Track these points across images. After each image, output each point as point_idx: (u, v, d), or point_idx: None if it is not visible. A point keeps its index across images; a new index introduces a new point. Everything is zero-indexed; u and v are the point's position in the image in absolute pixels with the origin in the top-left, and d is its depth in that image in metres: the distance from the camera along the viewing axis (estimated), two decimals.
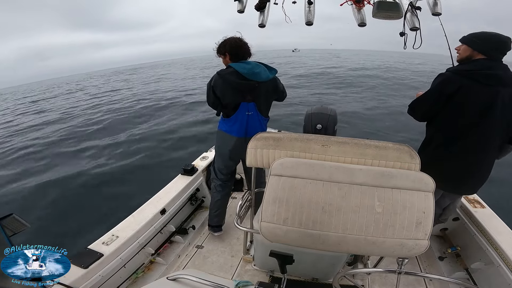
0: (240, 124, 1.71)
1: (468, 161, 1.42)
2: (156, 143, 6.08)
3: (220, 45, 1.68)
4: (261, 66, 1.66)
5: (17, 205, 3.95)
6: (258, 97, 1.68)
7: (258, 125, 1.74)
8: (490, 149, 1.40)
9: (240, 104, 1.67)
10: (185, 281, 0.96)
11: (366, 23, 1.73)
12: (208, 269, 1.79)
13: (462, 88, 1.31)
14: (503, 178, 3.73)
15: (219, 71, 1.66)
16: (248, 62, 1.64)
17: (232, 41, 1.65)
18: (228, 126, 1.75)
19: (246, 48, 1.67)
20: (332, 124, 1.56)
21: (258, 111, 1.71)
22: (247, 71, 1.58)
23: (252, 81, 1.60)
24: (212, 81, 1.66)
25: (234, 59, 1.65)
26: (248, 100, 1.67)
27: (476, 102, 1.31)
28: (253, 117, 1.71)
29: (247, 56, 1.68)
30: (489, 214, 1.70)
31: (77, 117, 10.34)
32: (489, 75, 1.29)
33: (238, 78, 1.59)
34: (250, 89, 1.63)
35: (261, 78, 1.62)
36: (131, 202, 2.38)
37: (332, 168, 0.94)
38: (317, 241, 0.91)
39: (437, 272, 1.75)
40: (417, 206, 0.87)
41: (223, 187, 1.95)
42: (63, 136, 7.72)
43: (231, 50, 1.64)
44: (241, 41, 1.66)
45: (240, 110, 1.68)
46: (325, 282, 1.61)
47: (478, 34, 1.35)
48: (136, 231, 1.59)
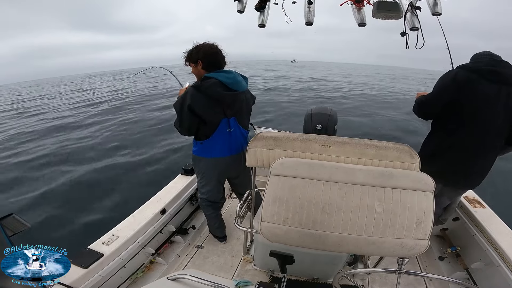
0: (222, 143, 1.55)
1: (469, 157, 1.43)
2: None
3: (192, 52, 1.49)
4: (239, 74, 1.54)
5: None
6: (239, 110, 1.55)
7: (242, 139, 1.62)
8: (491, 145, 1.42)
9: (220, 122, 1.50)
10: (185, 281, 0.96)
11: (366, 23, 1.73)
12: (208, 269, 1.79)
13: (470, 80, 1.33)
14: (504, 177, 3.73)
15: (194, 84, 1.45)
16: (229, 71, 1.49)
17: (207, 47, 1.48)
18: (208, 149, 1.57)
19: (221, 55, 1.51)
20: (332, 124, 1.56)
21: (239, 126, 1.58)
22: (231, 81, 1.44)
23: (235, 91, 1.47)
24: (188, 98, 1.40)
25: (208, 67, 1.47)
26: (228, 115, 1.51)
27: (481, 96, 1.33)
28: (235, 133, 1.58)
29: (224, 65, 1.52)
30: (489, 214, 1.70)
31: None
32: (494, 71, 1.32)
33: (223, 89, 1.43)
34: (232, 101, 1.49)
35: (243, 88, 1.50)
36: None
37: (332, 168, 0.94)
38: (317, 241, 0.91)
39: (437, 272, 1.75)
40: (417, 206, 0.87)
41: (215, 208, 1.87)
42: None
43: (205, 58, 1.46)
44: (216, 47, 1.50)
45: (220, 128, 1.51)
46: (325, 282, 1.61)
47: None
48: (136, 231, 1.59)
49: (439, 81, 1.43)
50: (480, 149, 1.42)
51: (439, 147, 1.48)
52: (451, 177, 1.50)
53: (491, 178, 1.52)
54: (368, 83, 21.91)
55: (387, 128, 7.30)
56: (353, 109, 9.72)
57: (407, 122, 7.65)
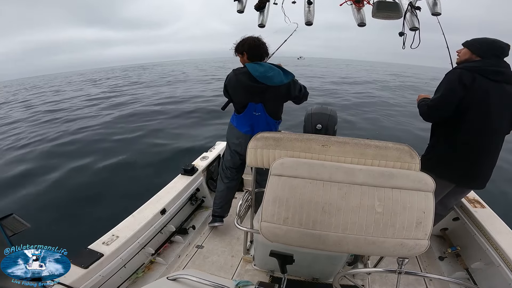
0: (248, 122, 1.75)
1: (479, 157, 1.44)
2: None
3: (239, 44, 1.68)
4: (275, 69, 1.62)
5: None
6: (267, 100, 1.68)
7: (266, 125, 1.75)
8: (497, 144, 1.43)
9: (248, 104, 1.69)
10: (185, 281, 0.96)
11: (365, 23, 1.73)
12: (208, 269, 1.79)
13: (476, 80, 1.33)
14: (504, 177, 3.73)
15: (235, 69, 1.69)
16: (262, 65, 1.62)
17: (251, 40, 1.65)
18: (237, 121, 1.80)
19: (264, 48, 1.67)
20: (332, 124, 1.57)
21: (266, 113, 1.72)
22: (259, 74, 1.58)
23: (262, 84, 1.60)
24: (227, 78, 1.70)
25: (251, 58, 1.66)
26: (256, 101, 1.68)
27: (487, 96, 1.34)
28: (261, 118, 1.73)
29: (265, 56, 1.69)
30: (489, 214, 1.70)
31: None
32: (497, 71, 1.33)
33: (249, 79, 1.60)
34: (260, 92, 1.64)
35: (272, 82, 1.60)
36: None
37: (332, 168, 0.94)
38: (317, 241, 0.91)
39: (437, 272, 1.75)
40: (417, 206, 0.87)
41: (228, 178, 2.00)
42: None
43: (249, 50, 1.64)
44: (260, 40, 1.67)
45: (248, 110, 1.71)
46: (325, 282, 1.61)
47: (479, 39, 1.40)
48: (136, 231, 1.59)
49: (446, 83, 1.42)
50: (488, 149, 1.42)
51: (448, 149, 1.47)
52: (463, 178, 1.50)
53: (492, 178, 1.52)
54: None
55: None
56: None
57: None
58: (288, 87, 1.68)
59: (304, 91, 1.78)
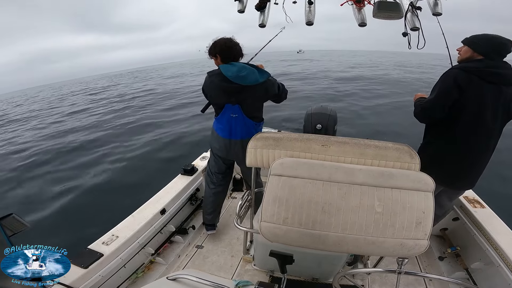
0: (225, 125, 1.71)
1: (473, 158, 1.43)
2: None
3: (211, 47, 1.64)
4: (248, 68, 1.57)
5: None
6: (243, 100, 1.63)
7: (244, 127, 1.69)
8: (492, 145, 1.42)
9: (225, 106, 1.65)
10: (185, 281, 0.96)
11: (366, 23, 1.73)
12: (208, 269, 1.79)
13: (472, 82, 1.31)
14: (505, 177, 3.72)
15: (209, 71, 1.67)
16: (234, 65, 1.58)
17: (222, 42, 1.60)
18: (216, 125, 1.77)
19: (237, 49, 1.62)
20: (332, 124, 1.57)
21: (243, 114, 1.66)
22: (232, 74, 1.54)
23: (236, 84, 1.55)
24: (204, 81, 1.69)
25: (224, 60, 1.61)
26: (232, 102, 1.63)
27: (483, 98, 1.32)
28: (238, 120, 1.67)
29: (239, 57, 1.64)
30: (489, 214, 1.70)
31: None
32: (494, 73, 1.31)
33: (222, 80, 1.57)
34: (235, 92, 1.59)
35: (247, 82, 1.55)
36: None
37: (332, 168, 0.94)
38: (317, 241, 0.91)
39: (437, 272, 1.75)
40: (417, 206, 0.87)
41: (214, 184, 1.96)
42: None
43: (221, 52, 1.60)
44: (231, 41, 1.61)
45: (226, 111, 1.67)
46: (325, 282, 1.61)
47: (479, 36, 1.36)
48: (136, 231, 1.59)
49: (441, 84, 1.40)
50: (481, 149, 1.42)
51: (442, 149, 1.46)
52: (454, 180, 1.49)
53: (491, 178, 1.52)
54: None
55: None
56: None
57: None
58: (265, 86, 1.63)
59: (283, 88, 1.75)
